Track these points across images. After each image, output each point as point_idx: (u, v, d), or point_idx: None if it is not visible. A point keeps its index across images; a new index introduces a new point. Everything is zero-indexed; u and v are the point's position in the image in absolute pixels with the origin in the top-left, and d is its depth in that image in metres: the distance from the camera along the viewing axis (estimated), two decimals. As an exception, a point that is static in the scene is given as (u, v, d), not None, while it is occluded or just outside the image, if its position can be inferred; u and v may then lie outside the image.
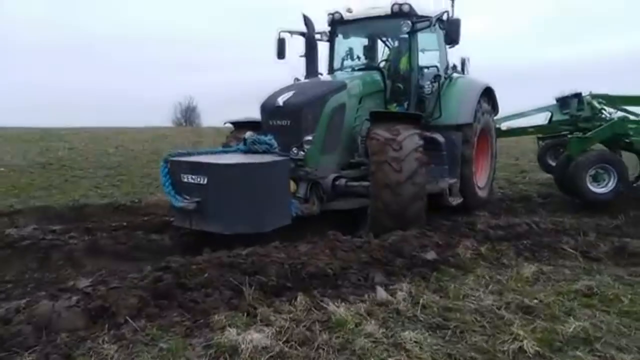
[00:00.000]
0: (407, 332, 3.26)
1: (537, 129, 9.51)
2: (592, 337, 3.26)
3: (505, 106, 8.95)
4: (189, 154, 5.45)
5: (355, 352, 3.03)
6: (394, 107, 6.96)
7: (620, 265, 5.03)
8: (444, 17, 6.45)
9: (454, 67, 7.61)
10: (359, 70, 7.07)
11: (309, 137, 5.64)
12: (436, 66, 6.96)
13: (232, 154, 5.63)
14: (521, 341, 3.13)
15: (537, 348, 3.08)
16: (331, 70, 7.53)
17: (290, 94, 5.81)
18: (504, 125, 9.55)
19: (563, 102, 9.26)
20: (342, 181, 5.69)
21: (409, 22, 6.49)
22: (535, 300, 3.97)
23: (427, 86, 6.73)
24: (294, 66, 7.37)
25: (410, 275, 4.41)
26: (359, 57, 7.57)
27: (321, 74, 7.24)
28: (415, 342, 3.14)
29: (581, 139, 7.85)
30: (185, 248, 4.97)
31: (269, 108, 5.87)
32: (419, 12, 6.74)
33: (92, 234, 5.28)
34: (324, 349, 3.07)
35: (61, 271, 4.59)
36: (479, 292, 4.14)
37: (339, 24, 7.34)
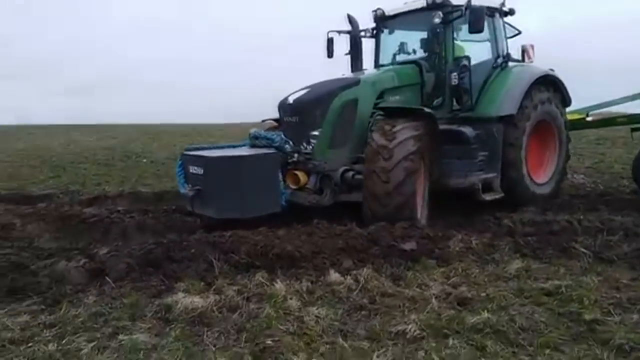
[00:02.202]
0: (317, 309, 3.70)
1: (629, 118, 8.51)
2: (490, 329, 3.34)
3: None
4: (202, 149, 6.36)
5: (259, 317, 3.59)
6: (437, 100, 7.01)
7: (634, 269, 4.66)
8: (471, 5, 6.35)
9: (507, 55, 7.35)
10: (399, 64, 7.26)
11: (316, 132, 6.09)
12: (467, 56, 6.84)
13: (236, 148, 6.41)
14: (407, 324, 3.37)
15: (419, 332, 3.31)
16: (376, 64, 7.82)
17: (302, 92, 6.33)
18: (590, 116, 8.76)
19: (662, 87, 8.19)
20: (350, 174, 5.97)
21: (440, 12, 6.54)
22: (483, 294, 4.04)
23: (454, 78, 6.68)
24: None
25: (382, 263, 4.71)
26: (414, 51, 7.67)
27: (365, 70, 7.61)
28: (316, 316, 3.59)
29: (658, 129, 7.00)
30: (209, 227, 5.82)
31: (282, 106, 6.48)
32: (456, 2, 6.70)
33: (146, 214, 6.49)
34: (241, 315, 3.68)
35: (114, 243, 5.78)
36: (435, 283, 4.32)
37: (382, 20, 7.63)
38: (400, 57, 7.62)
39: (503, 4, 7.20)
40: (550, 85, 7.40)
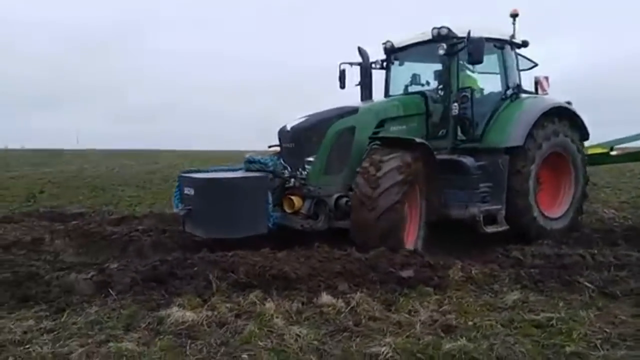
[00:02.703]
0: (299, 328, 3.81)
1: (656, 152, 8.26)
2: (465, 355, 3.35)
3: None
4: (198, 171, 6.70)
5: (243, 334, 3.73)
6: (442, 130, 7.06)
7: (638, 305, 4.52)
8: (470, 36, 6.41)
9: (518, 87, 7.37)
10: (407, 94, 7.42)
11: (311, 159, 6.25)
12: (469, 87, 6.84)
13: (230, 172, 6.70)
14: (382, 347, 3.43)
15: (393, 354, 3.36)
16: (386, 95, 7.97)
17: (300, 120, 6.55)
18: (615, 150, 8.56)
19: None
20: (344, 200, 6.05)
21: (444, 44, 6.68)
22: (470, 323, 4.03)
23: (454, 108, 6.72)
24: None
25: (377, 288, 4.77)
26: (427, 82, 7.79)
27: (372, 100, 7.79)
28: (297, 335, 3.69)
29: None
30: (216, 245, 5.99)
31: (281, 133, 6.69)
32: (459, 34, 6.75)
33: (163, 233, 6.80)
34: (227, 330, 3.84)
35: (130, 259, 6.08)
36: (425, 309, 4.33)
37: (391, 52, 7.82)
38: (411, 88, 7.76)
39: (513, 36, 7.25)
40: (556, 116, 7.26)
